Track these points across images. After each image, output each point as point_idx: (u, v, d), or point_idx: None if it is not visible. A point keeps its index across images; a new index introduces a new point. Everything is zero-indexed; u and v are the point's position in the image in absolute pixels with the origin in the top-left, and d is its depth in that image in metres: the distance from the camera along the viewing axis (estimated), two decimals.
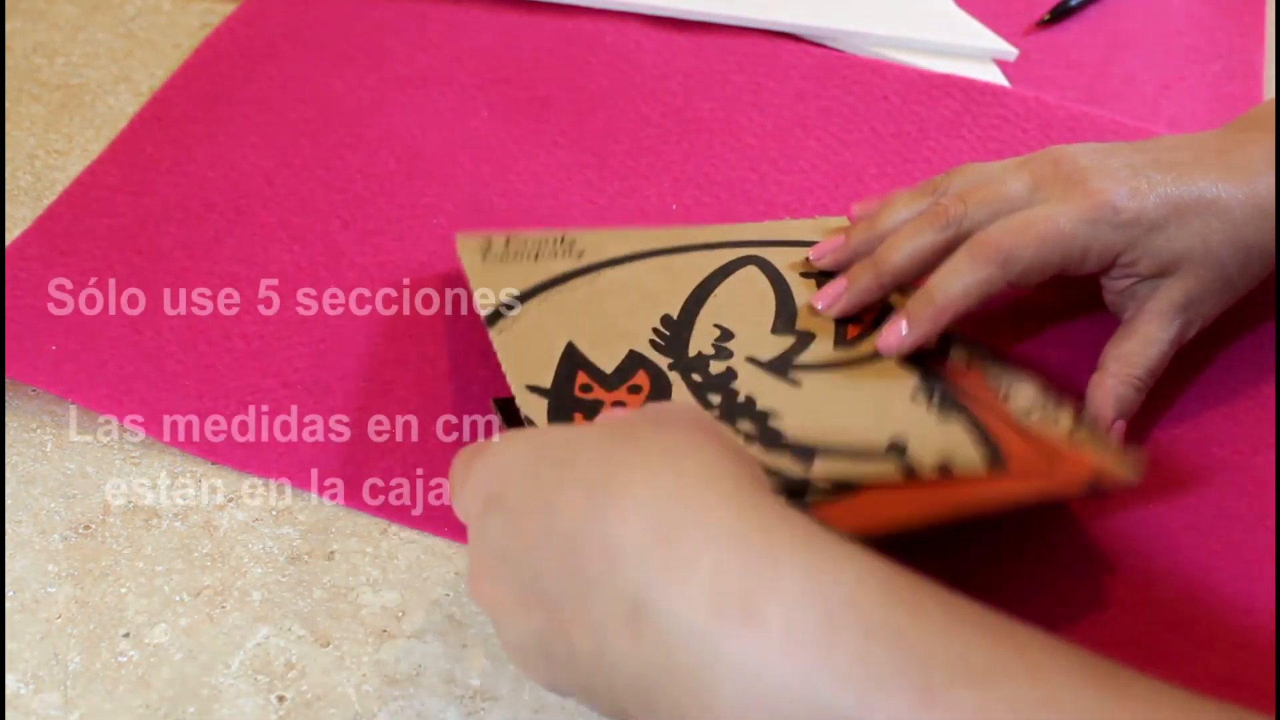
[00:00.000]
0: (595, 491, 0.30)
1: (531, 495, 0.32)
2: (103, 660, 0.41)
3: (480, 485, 0.35)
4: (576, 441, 0.32)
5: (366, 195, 0.57)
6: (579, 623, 0.30)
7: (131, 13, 0.68)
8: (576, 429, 0.34)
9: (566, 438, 0.33)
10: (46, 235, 0.54)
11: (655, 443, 0.31)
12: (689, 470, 0.30)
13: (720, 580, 0.27)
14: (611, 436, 0.32)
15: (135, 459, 0.47)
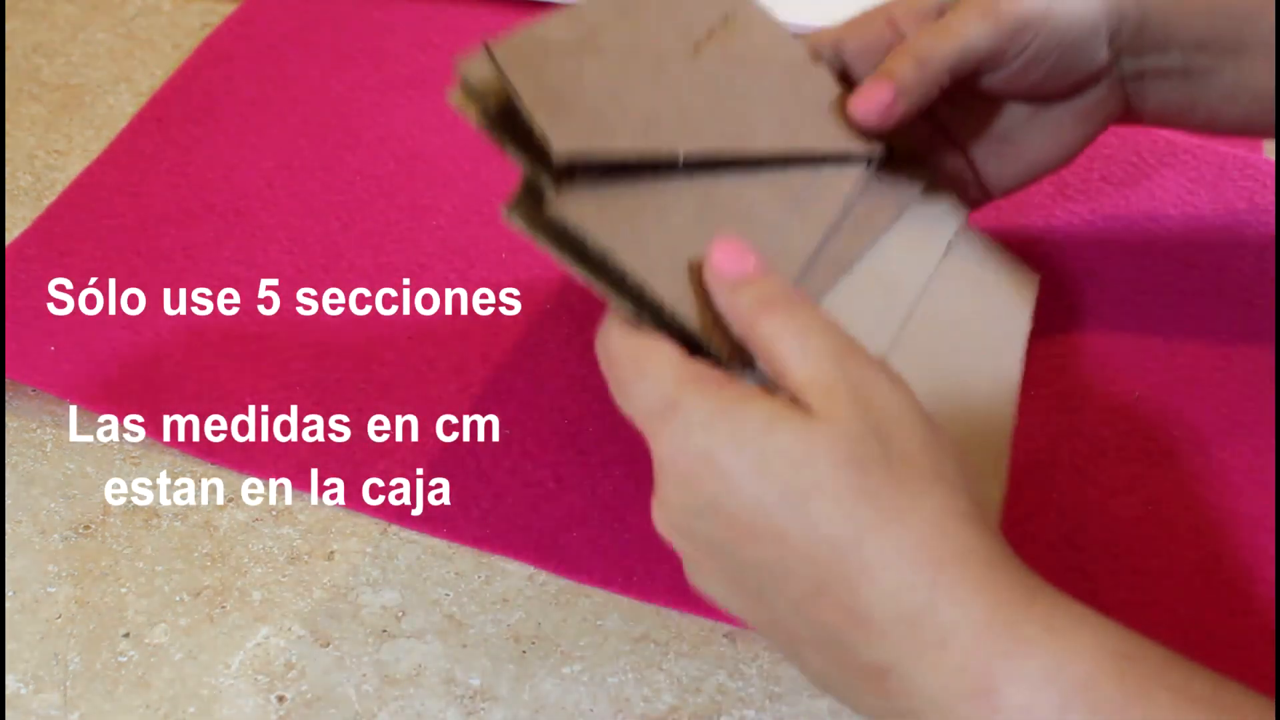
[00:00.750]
0: (841, 554, 0.30)
1: (756, 519, 0.31)
2: (103, 660, 0.41)
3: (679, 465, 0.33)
4: (810, 474, 0.31)
5: (366, 196, 0.57)
6: (815, 649, 0.32)
7: (131, 13, 0.68)
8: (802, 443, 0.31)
9: (795, 459, 0.31)
10: (46, 235, 0.54)
11: (903, 510, 0.31)
12: (937, 549, 0.30)
13: (967, 663, 0.29)
14: (852, 488, 0.31)
15: (135, 459, 0.47)
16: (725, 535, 0.32)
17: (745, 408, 0.32)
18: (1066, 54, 0.45)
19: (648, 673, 0.41)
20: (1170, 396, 0.48)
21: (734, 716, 0.40)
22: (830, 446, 0.31)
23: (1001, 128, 0.49)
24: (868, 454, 0.31)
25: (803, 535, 0.31)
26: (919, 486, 0.31)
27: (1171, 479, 0.46)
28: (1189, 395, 0.49)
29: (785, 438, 0.31)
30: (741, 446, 0.31)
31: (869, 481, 0.31)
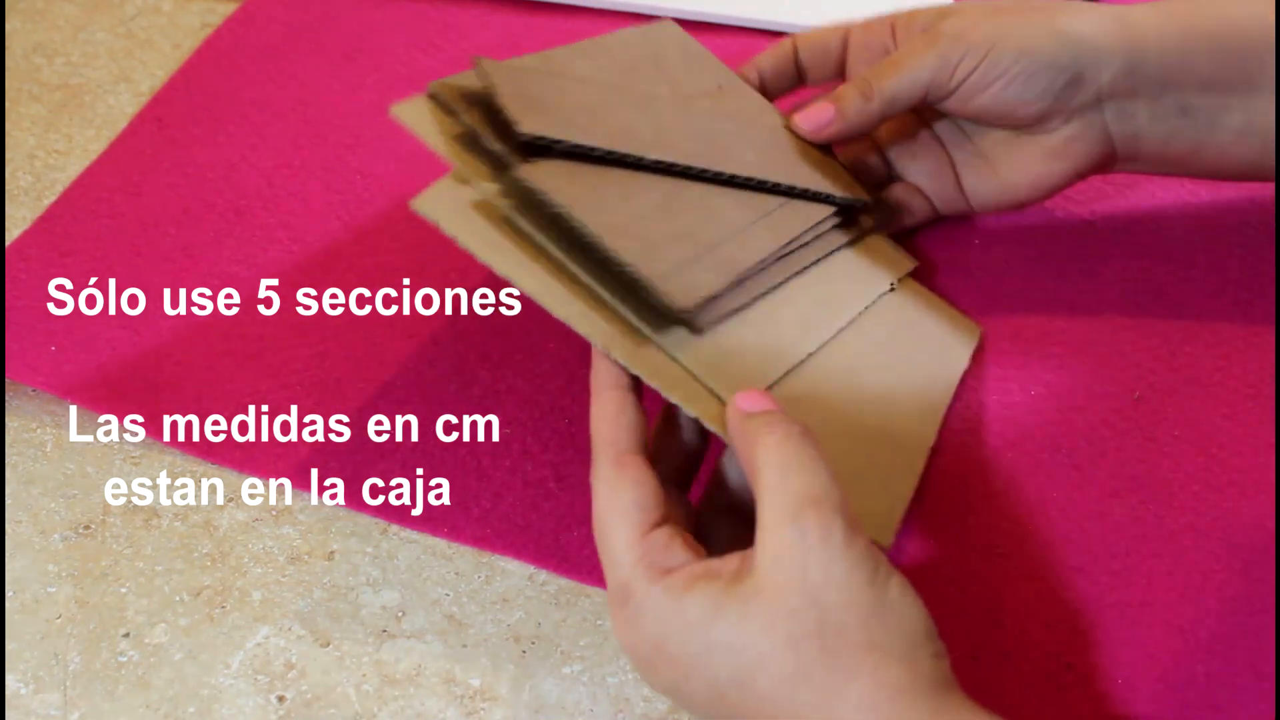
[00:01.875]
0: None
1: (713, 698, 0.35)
2: (103, 660, 0.41)
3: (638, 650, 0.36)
4: (752, 658, 0.34)
5: (366, 195, 0.57)
6: None
7: (131, 13, 0.68)
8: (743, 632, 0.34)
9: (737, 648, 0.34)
10: (46, 235, 0.54)
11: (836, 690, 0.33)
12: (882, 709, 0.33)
13: None
14: (790, 671, 0.33)
15: (135, 459, 0.47)
16: (690, 705, 0.36)
17: (689, 599, 0.34)
18: (1014, 84, 0.47)
19: None
20: (1170, 396, 0.48)
21: None
22: (769, 629, 0.33)
23: (982, 146, 0.52)
24: (804, 630, 0.33)
25: (756, 711, 0.34)
26: (852, 662, 0.33)
27: (1172, 479, 0.46)
28: (1189, 395, 0.49)
29: (726, 628, 0.34)
30: (688, 639, 0.34)
31: (803, 662, 0.33)
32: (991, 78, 0.47)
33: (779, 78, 0.53)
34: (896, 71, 0.48)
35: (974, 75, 0.47)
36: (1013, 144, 0.50)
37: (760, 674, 0.33)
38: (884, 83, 0.48)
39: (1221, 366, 0.50)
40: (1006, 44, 0.47)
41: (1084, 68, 0.47)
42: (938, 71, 0.48)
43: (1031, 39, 0.47)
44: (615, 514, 0.36)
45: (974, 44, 0.47)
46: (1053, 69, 0.47)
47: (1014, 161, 0.51)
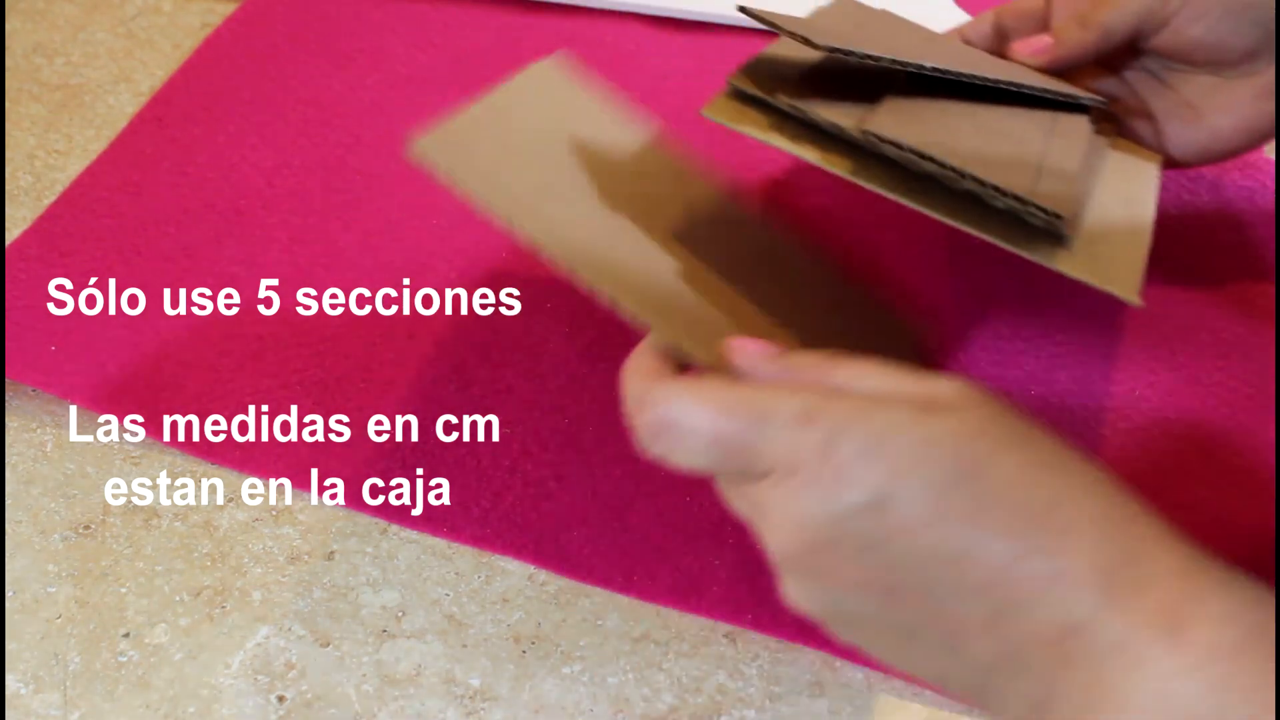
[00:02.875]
0: (1036, 521, 0.30)
1: (937, 507, 0.30)
2: (103, 660, 0.41)
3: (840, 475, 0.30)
4: (979, 457, 0.30)
5: (366, 195, 0.57)
6: (984, 632, 0.31)
7: (131, 13, 0.68)
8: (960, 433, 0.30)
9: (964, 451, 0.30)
10: (46, 235, 0.54)
11: (1078, 477, 0.31)
12: (1120, 511, 0.31)
13: (1161, 606, 0.30)
14: (1029, 464, 0.31)
15: (135, 459, 0.47)
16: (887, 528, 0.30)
17: (886, 405, 0.31)
18: (1229, 14, 0.49)
19: (648, 673, 0.41)
20: (1170, 396, 0.48)
21: (734, 716, 0.40)
22: (986, 427, 0.31)
23: (1186, 94, 0.52)
24: (1020, 432, 0.31)
25: (990, 510, 0.30)
26: (1074, 457, 0.31)
27: (1171, 479, 0.46)
28: (1189, 395, 0.49)
29: (944, 421, 0.30)
30: (905, 434, 0.30)
31: (1038, 455, 0.31)
32: (1206, 7, 0.49)
33: (981, 41, 0.54)
34: (1113, 3, 0.50)
35: (1188, 8, 0.49)
36: (1219, 87, 0.51)
37: (996, 462, 0.30)
38: (1100, 12, 0.50)
39: (1221, 366, 0.50)
40: None
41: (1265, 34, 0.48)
42: (1152, 1, 0.49)
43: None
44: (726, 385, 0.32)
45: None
46: (1265, 2, 0.48)
47: (1221, 105, 0.51)
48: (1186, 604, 0.29)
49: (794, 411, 0.31)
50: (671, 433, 0.33)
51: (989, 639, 0.31)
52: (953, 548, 0.30)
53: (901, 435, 0.30)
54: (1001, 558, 0.30)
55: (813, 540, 0.31)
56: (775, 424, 0.31)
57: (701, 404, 0.32)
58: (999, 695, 0.31)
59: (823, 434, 0.30)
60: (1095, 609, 0.30)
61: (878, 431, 0.30)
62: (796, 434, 0.31)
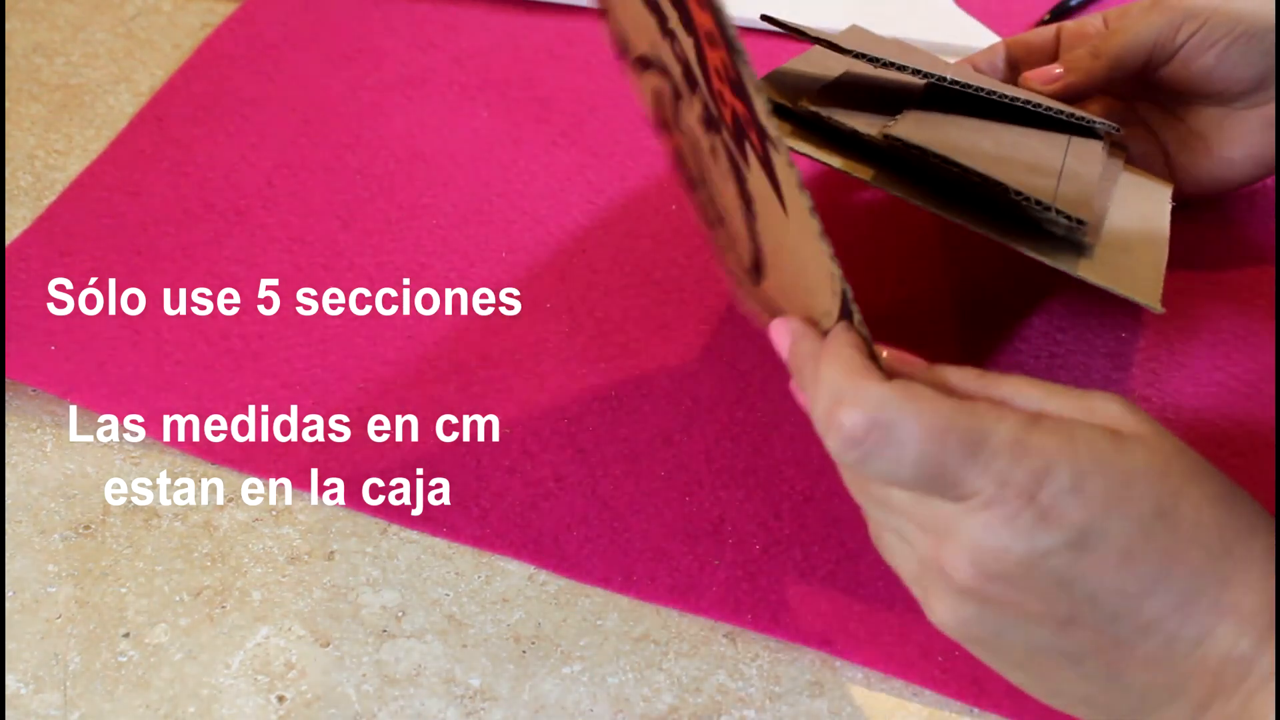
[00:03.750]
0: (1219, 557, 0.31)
1: (1133, 544, 0.30)
2: (103, 660, 0.41)
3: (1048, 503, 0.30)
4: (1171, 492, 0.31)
5: (366, 195, 0.57)
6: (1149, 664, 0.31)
7: (131, 13, 0.68)
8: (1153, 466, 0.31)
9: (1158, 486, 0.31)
10: (46, 235, 0.54)
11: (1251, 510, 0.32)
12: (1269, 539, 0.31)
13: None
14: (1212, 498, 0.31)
15: (135, 459, 0.47)
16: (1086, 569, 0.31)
17: (1086, 433, 0.31)
18: (1236, 45, 0.50)
19: (648, 673, 0.41)
20: (1170, 396, 0.48)
21: (734, 716, 0.40)
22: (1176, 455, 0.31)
23: (1195, 125, 0.53)
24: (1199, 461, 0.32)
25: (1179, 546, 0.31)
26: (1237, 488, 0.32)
27: None
28: (1189, 395, 0.49)
29: (1137, 455, 0.31)
30: (1106, 472, 0.30)
31: (1218, 486, 0.31)
32: (1214, 38, 0.50)
33: (992, 72, 0.55)
34: (1123, 33, 0.51)
35: (1196, 37, 0.50)
36: (1228, 118, 0.52)
37: (1184, 499, 0.31)
38: (1111, 42, 0.51)
39: (1221, 366, 0.50)
40: (1228, 7, 0.50)
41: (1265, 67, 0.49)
42: (1162, 32, 0.51)
43: (1251, 4, 0.50)
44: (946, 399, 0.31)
45: (1196, 8, 0.50)
46: (1268, 34, 0.49)
47: (1230, 136, 0.52)
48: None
49: (1006, 440, 0.30)
50: (880, 439, 0.31)
51: (1154, 669, 0.31)
52: (1144, 584, 0.31)
53: (1106, 472, 0.30)
54: (1185, 594, 0.31)
55: (1000, 572, 0.31)
56: (988, 452, 0.30)
57: (919, 416, 0.31)
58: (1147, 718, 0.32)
59: (1033, 468, 0.30)
60: (1256, 644, 0.30)
61: (1084, 469, 0.30)
62: (1008, 466, 0.30)
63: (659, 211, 0.57)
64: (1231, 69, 0.50)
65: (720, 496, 0.45)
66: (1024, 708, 0.40)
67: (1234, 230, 0.56)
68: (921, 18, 0.66)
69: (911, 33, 0.65)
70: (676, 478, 0.46)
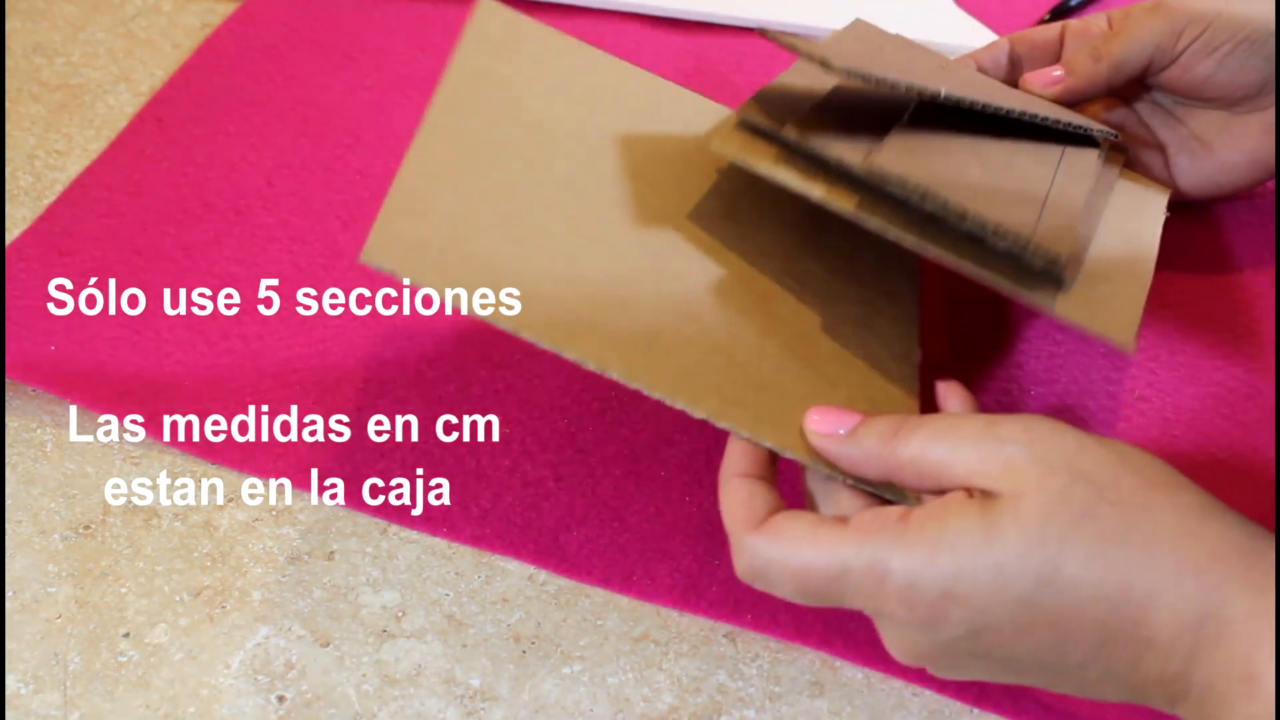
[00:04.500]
0: (1116, 604, 0.32)
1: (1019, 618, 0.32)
2: (103, 660, 0.41)
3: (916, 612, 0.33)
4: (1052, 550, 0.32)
5: (366, 195, 0.57)
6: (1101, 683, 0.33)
7: (131, 13, 0.68)
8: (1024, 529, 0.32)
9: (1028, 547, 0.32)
10: (46, 235, 0.54)
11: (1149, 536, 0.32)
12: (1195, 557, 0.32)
13: (1236, 655, 0.31)
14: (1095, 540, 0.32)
15: (135, 459, 0.47)
16: (992, 646, 0.33)
17: (949, 529, 0.32)
18: (1238, 51, 0.50)
19: (648, 673, 0.41)
20: (1170, 397, 0.48)
21: (734, 716, 0.40)
22: (1050, 516, 0.32)
23: (1196, 128, 0.53)
24: (1085, 500, 0.32)
25: (1074, 607, 0.32)
26: (1144, 504, 0.32)
27: None
28: (1189, 395, 0.49)
29: (1007, 534, 0.32)
30: (973, 568, 0.32)
31: (1103, 527, 0.32)
32: (1216, 43, 0.50)
33: (995, 69, 0.54)
34: (1124, 36, 0.51)
35: (1198, 42, 0.50)
36: (1229, 122, 0.52)
37: (1067, 561, 0.31)
38: (1112, 45, 0.51)
39: (1220, 366, 0.50)
40: (1231, 12, 0.49)
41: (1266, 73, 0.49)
42: (1163, 36, 0.50)
43: (1254, 9, 0.49)
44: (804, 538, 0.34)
45: (1198, 12, 0.50)
46: (1269, 41, 0.49)
47: (1231, 140, 0.52)
48: (1256, 651, 0.31)
49: (864, 567, 0.33)
50: (764, 581, 0.35)
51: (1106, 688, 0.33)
52: (1050, 646, 0.32)
53: (975, 570, 0.32)
54: (1098, 643, 0.32)
55: (925, 655, 0.34)
56: (851, 584, 0.33)
57: (785, 562, 0.34)
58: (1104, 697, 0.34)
59: (898, 588, 0.33)
60: (1187, 663, 0.32)
61: (949, 576, 0.32)
62: (875, 590, 0.33)
63: None
64: (1233, 75, 0.50)
65: None
66: (1024, 708, 0.40)
67: (1234, 230, 0.56)
68: (921, 17, 0.66)
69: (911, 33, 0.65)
70: (676, 478, 0.46)
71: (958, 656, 0.34)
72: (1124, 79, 0.52)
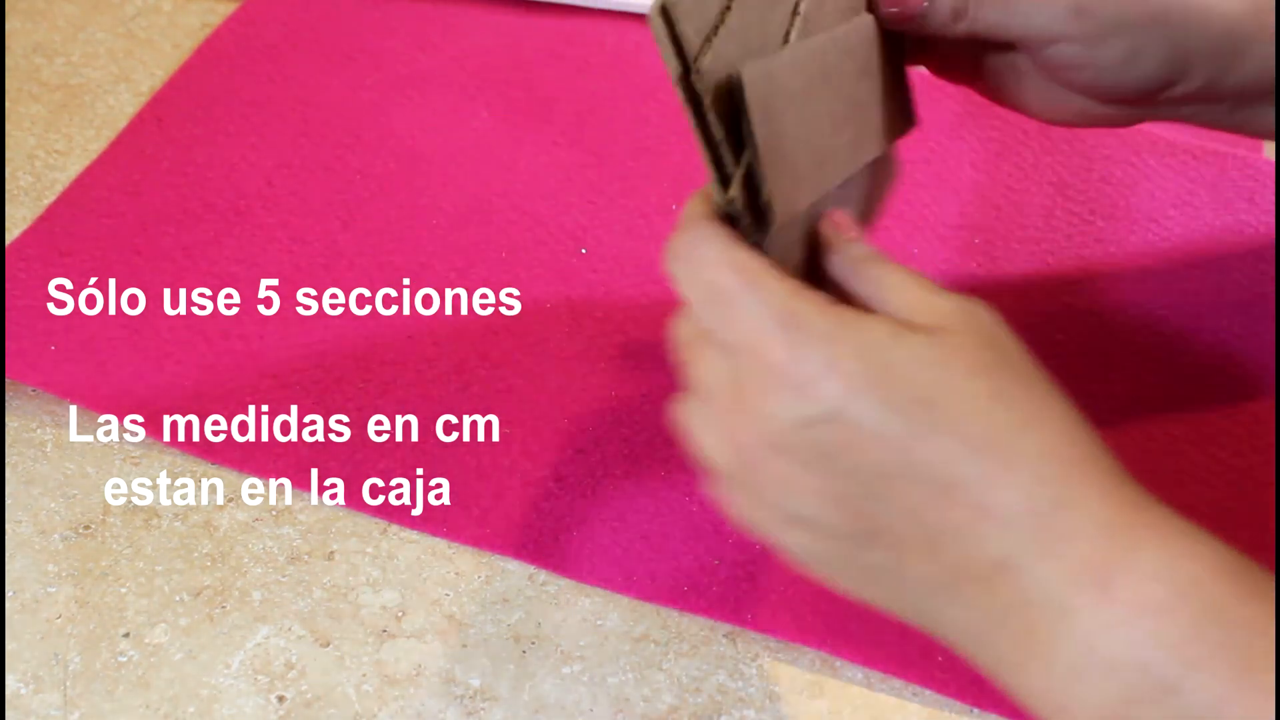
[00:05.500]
0: (978, 450, 0.31)
1: (887, 426, 0.31)
2: (103, 660, 0.41)
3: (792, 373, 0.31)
4: (940, 381, 0.31)
5: (366, 195, 0.57)
6: (922, 555, 0.32)
7: (131, 13, 0.68)
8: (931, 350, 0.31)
9: (926, 365, 0.31)
10: (46, 235, 0.54)
11: (1036, 413, 0.32)
12: (1068, 452, 0.31)
13: (1087, 558, 0.30)
14: (987, 392, 0.31)
15: (135, 459, 0.47)
16: (840, 440, 0.31)
17: (868, 320, 0.32)
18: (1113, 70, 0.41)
19: (648, 673, 0.41)
20: (1170, 398, 0.49)
21: (734, 716, 0.40)
22: (958, 353, 0.31)
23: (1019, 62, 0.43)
24: (994, 360, 0.32)
25: (935, 437, 0.31)
26: (1044, 392, 0.32)
27: (1170, 481, 0.46)
28: (1188, 396, 0.49)
29: (913, 346, 0.31)
30: (868, 354, 0.31)
31: (1001, 385, 0.31)
32: (1085, 64, 0.41)
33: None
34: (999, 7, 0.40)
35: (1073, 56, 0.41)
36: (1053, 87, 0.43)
37: (953, 394, 0.31)
38: (983, 9, 0.41)
39: (1221, 367, 0.50)
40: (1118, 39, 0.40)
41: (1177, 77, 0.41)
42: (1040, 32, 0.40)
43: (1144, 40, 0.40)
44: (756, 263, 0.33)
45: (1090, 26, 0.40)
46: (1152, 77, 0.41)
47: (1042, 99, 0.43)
48: (1116, 557, 0.30)
49: (775, 309, 0.32)
50: (682, 265, 0.33)
51: (927, 563, 0.32)
52: (897, 467, 0.31)
53: (864, 356, 0.31)
54: (940, 484, 0.31)
55: (774, 441, 0.32)
56: (753, 310, 0.32)
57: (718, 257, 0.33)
58: (939, 620, 0.32)
59: (790, 340, 0.31)
60: (1023, 552, 0.30)
61: (841, 352, 0.31)
62: (764, 336, 0.32)
63: (659, 211, 0.57)
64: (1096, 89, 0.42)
65: None
66: None
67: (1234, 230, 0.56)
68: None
69: None
70: (676, 478, 0.46)
71: (797, 446, 0.32)
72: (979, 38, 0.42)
